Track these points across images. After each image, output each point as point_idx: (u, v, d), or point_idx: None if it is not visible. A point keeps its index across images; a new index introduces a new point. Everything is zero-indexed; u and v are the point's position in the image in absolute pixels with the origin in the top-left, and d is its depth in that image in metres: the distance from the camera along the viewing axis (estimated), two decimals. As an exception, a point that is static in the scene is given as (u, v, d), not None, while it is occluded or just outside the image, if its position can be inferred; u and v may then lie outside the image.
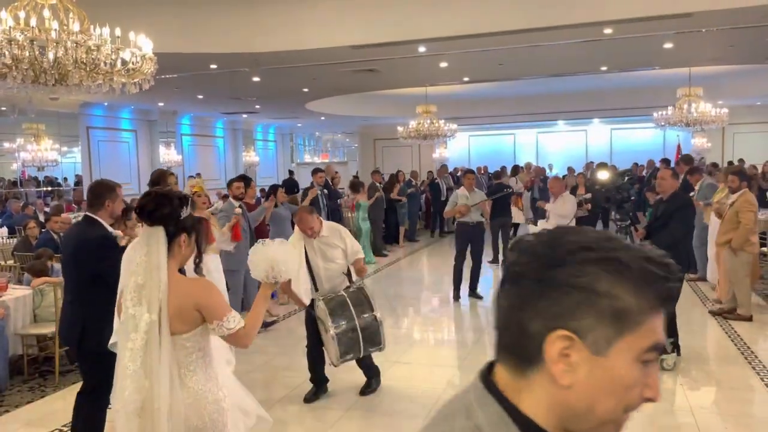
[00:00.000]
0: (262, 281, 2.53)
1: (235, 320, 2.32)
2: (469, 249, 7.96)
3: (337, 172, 11.73)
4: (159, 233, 2.29)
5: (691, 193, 9.41)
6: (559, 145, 22.00)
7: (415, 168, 17.67)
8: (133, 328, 2.25)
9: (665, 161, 13.42)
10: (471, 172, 8.50)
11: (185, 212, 2.33)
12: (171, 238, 2.30)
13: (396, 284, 9.54)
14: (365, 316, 4.43)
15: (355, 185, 11.59)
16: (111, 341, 2.97)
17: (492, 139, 23.10)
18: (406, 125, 15.14)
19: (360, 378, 4.86)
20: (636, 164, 15.74)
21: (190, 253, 2.41)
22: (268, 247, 2.53)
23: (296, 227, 4.62)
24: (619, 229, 5.54)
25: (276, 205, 7.60)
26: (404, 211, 13.18)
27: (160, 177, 4.98)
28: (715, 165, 12.93)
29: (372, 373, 4.85)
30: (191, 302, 2.28)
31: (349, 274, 4.72)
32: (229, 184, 6.97)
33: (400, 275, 10.46)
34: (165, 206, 2.29)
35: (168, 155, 17.52)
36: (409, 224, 13.67)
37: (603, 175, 5.94)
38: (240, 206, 6.48)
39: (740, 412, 4.49)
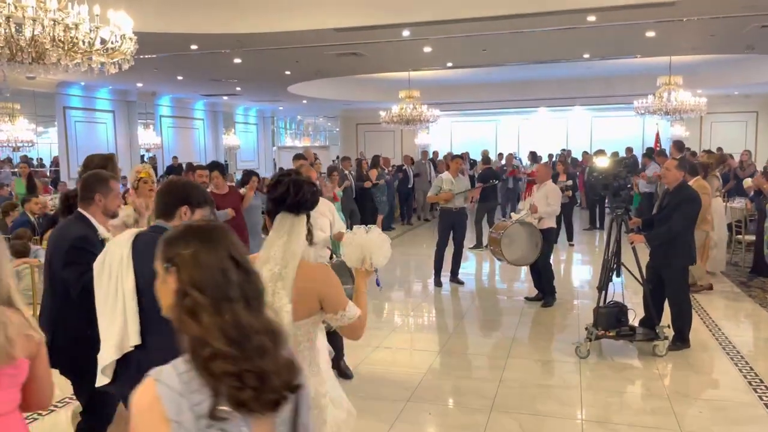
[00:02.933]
0: (356, 270, 2.46)
1: (354, 309, 2.25)
2: (451, 235, 7.98)
3: (315, 157, 11.09)
4: (303, 222, 2.21)
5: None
6: (541, 132, 22.13)
7: (398, 153, 17.65)
8: None
9: (648, 152, 13.54)
10: (459, 157, 8.49)
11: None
12: None
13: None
14: (347, 287, 4.42)
15: (329, 171, 11.26)
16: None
17: (474, 125, 23.14)
18: (389, 110, 15.09)
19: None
20: (630, 149, 15.54)
21: None
22: (359, 235, 2.45)
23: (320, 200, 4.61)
24: (614, 217, 5.53)
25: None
26: (384, 199, 12.56)
27: (106, 162, 4.18)
28: (693, 154, 13.09)
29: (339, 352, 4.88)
30: (315, 289, 2.18)
31: (333, 254, 4.73)
32: (191, 170, 6.54)
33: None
34: (315, 192, 2.23)
35: (146, 137, 17.28)
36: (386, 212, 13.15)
37: (602, 162, 5.92)
38: None
39: (714, 397, 4.59)
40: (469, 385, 4.78)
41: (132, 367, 2.40)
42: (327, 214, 4.68)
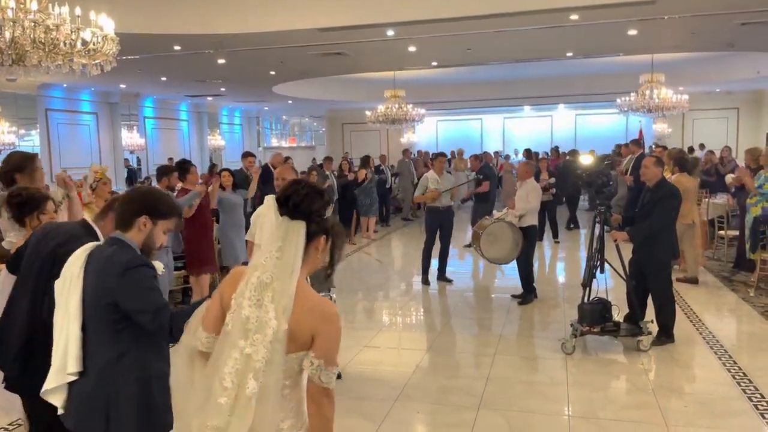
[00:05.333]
0: None
1: (333, 373, 1.92)
2: (438, 234, 8.01)
3: (288, 158, 10.63)
4: (300, 229, 1.91)
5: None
6: (526, 131, 22.26)
7: (384, 152, 17.63)
8: (242, 335, 1.81)
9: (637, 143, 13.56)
10: (442, 155, 8.52)
11: (329, 212, 2.00)
12: (309, 239, 1.94)
13: (364, 268, 9.57)
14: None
15: (309, 171, 10.90)
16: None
17: (460, 124, 23.23)
18: (374, 109, 15.10)
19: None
20: (619, 146, 15.46)
21: (321, 260, 2.03)
22: None
23: (266, 198, 4.49)
24: (597, 213, 5.59)
25: (223, 189, 6.77)
26: (369, 201, 11.95)
27: (25, 162, 3.84)
28: (663, 148, 13.14)
29: None
30: (311, 322, 1.88)
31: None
32: (164, 173, 6.16)
33: (368, 261, 10.49)
34: (316, 200, 1.94)
35: (131, 138, 17.16)
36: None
37: (586, 160, 5.99)
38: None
39: (698, 390, 4.65)
40: (456, 383, 4.80)
41: (73, 397, 2.25)
42: None
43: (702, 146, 16.76)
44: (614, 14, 8.90)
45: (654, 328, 5.45)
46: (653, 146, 14.76)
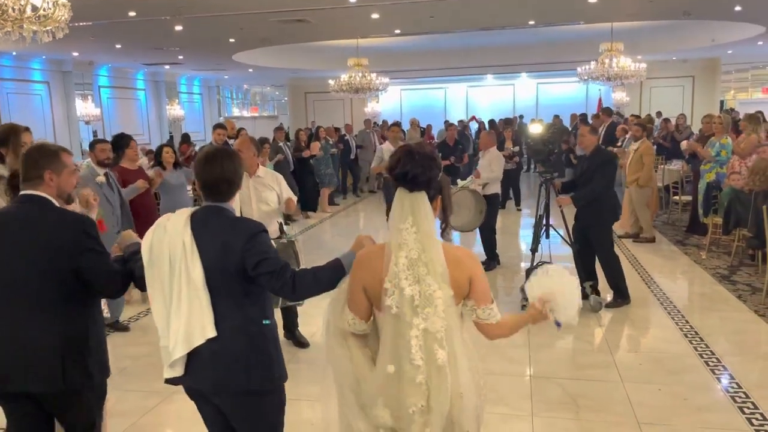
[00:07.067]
0: (532, 304, 2.22)
1: (497, 311, 2.08)
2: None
3: (242, 129, 10.00)
4: (423, 199, 1.98)
5: (618, 144, 9.97)
6: (488, 99, 22.37)
7: (348, 122, 17.49)
8: (413, 313, 1.92)
9: (583, 117, 13.94)
10: (397, 125, 8.52)
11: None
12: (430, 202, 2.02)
13: (330, 240, 9.59)
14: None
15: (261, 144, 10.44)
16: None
17: (423, 92, 23.19)
18: (338, 78, 14.93)
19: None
20: (577, 115, 15.59)
21: (438, 215, 2.11)
22: (553, 278, 2.22)
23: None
24: (544, 181, 5.76)
25: (164, 168, 6.11)
26: (330, 171, 11.70)
27: (8, 134, 3.64)
28: (636, 117, 13.50)
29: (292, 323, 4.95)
30: (464, 271, 2.00)
31: (281, 228, 4.69)
32: (92, 146, 5.41)
33: (327, 236, 10.51)
34: (433, 168, 1.99)
35: (85, 108, 16.63)
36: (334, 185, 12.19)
37: (535, 129, 6.12)
38: (105, 174, 5.14)
39: (653, 349, 4.87)
40: (422, 348, 4.89)
41: (205, 358, 2.23)
42: (273, 186, 4.56)
43: (659, 114, 17.13)
44: (575, -18, 8.96)
45: (598, 292, 5.63)
46: (624, 115, 15.07)
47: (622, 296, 5.68)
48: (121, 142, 5.82)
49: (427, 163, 1.97)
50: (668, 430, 3.55)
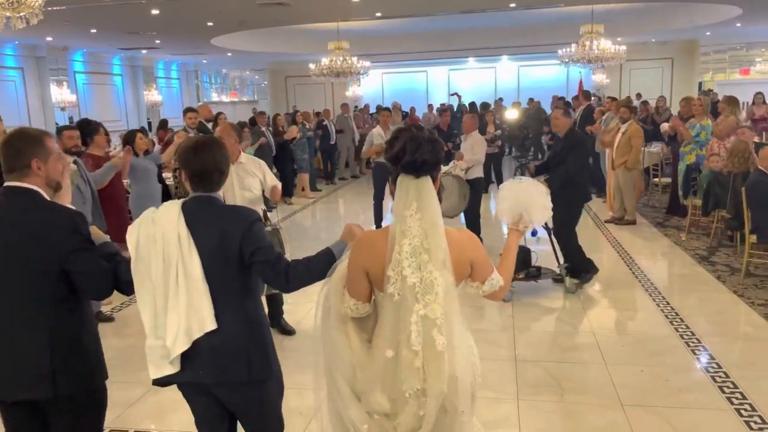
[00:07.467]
0: (508, 226, 2.30)
1: (498, 276, 2.13)
2: (387, 188, 8.02)
3: (221, 113, 9.80)
4: (428, 183, 1.97)
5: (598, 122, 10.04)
6: (470, 83, 22.33)
7: (329, 106, 17.34)
8: (414, 299, 1.92)
9: (564, 102, 13.94)
10: (386, 109, 8.47)
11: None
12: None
13: (316, 224, 9.56)
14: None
15: (241, 128, 10.13)
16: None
17: (405, 76, 23.07)
18: (318, 62, 14.78)
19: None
20: (557, 97, 15.45)
21: None
22: (514, 187, 2.28)
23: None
24: (519, 165, 5.81)
25: (137, 155, 5.83)
26: (305, 156, 11.61)
27: None
28: (613, 99, 13.57)
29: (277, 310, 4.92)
30: (467, 254, 2.04)
31: (265, 214, 4.66)
32: (59, 132, 5.06)
33: (310, 223, 10.48)
34: (439, 151, 1.98)
35: (61, 95, 16.29)
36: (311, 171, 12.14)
37: (511, 115, 6.16)
38: (75, 162, 4.85)
39: (635, 330, 4.95)
40: (408, 334, 4.91)
41: (204, 352, 2.19)
42: (256, 173, 4.51)
43: (639, 96, 17.23)
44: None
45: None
46: (601, 98, 15.16)
47: (586, 270, 5.74)
48: (89, 128, 5.54)
49: (433, 148, 1.97)
50: (651, 411, 3.62)
